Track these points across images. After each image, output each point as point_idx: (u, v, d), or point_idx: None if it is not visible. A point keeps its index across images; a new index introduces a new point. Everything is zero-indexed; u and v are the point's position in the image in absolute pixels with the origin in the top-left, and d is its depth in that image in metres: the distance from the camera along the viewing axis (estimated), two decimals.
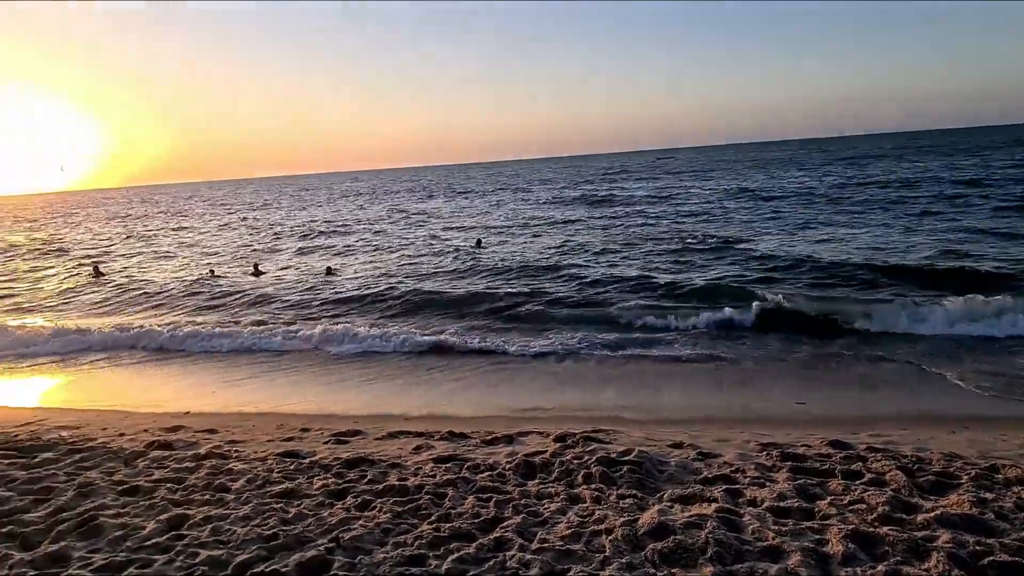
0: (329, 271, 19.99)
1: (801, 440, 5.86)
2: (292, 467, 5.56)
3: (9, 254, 32.03)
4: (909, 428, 6.37)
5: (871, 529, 3.83)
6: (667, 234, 21.79)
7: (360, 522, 4.30)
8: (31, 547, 4.23)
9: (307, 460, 5.74)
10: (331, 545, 3.98)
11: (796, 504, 4.26)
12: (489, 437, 6.25)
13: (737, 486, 4.66)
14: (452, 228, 29.37)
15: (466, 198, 52.67)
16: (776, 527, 3.93)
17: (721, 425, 6.76)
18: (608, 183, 56.84)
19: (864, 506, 4.19)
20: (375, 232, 31.16)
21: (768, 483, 4.70)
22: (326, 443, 6.40)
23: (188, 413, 7.99)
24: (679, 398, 8.02)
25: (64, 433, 6.95)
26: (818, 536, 3.81)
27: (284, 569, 3.74)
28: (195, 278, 20.02)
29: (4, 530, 4.46)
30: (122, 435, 6.86)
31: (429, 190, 70.47)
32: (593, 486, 4.76)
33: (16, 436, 6.87)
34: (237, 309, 15.18)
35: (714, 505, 4.25)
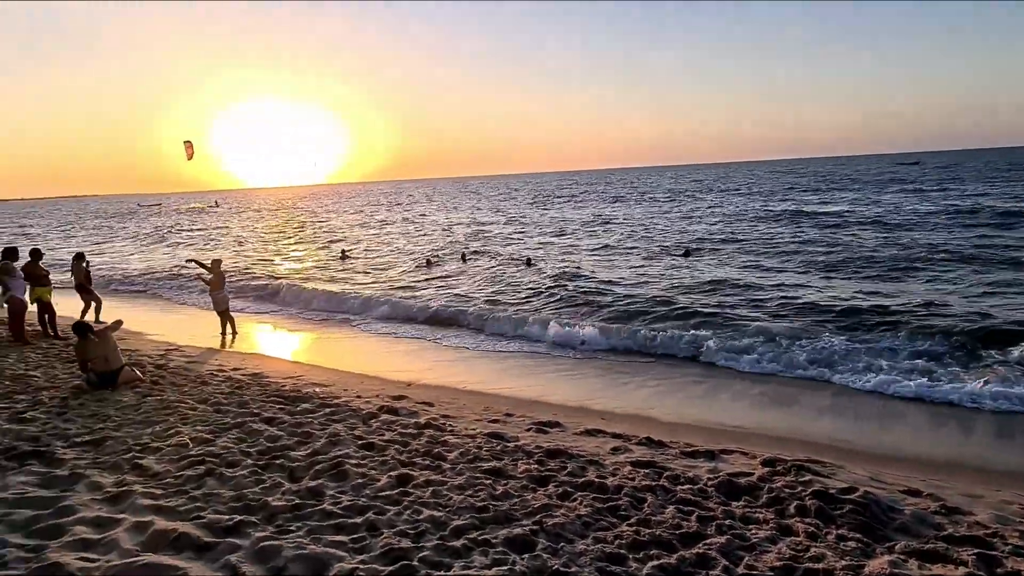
0: (529, 262, 21.14)
1: None
2: (498, 448, 5.98)
3: (276, 237, 38.92)
4: None
5: None
6: (897, 256, 18.56)
7: (561, 511, 4.49)
8: (296, 480, 5.14)
9: (511, 444, 6.12)
10: (535, 527, 4.22)
11: None
12: (689, 449, 6.08)
13: (994, 553, 3.95)
14: (661, 233, 28.70)
15: (674, 202, 51.35)
16: None
17: (970, 477, 5.76)
18: (838, 192, 51.11)
19: None
20: (580, 234, 31.87)
21: None
22: (528, 430, 6.76)
23: (410, 384, 9.00)
24: (911, 439, 6.98)
25: (317, 389, 8.28)
26: None
27: (494, 540, 4.06)
28: (416, 264, 22.63)
29: (277, 462, 5.48)
30: (359, 397, 7.96)
31: (641, 193, 69.88)
32: (807, 520, 4.40)
33: (283, 387, 8.35)
34: (444, 295, 16.60)
35: (963, 570, 3.68)
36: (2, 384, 7.93)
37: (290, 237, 37.82)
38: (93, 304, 13.41)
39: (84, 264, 13.33)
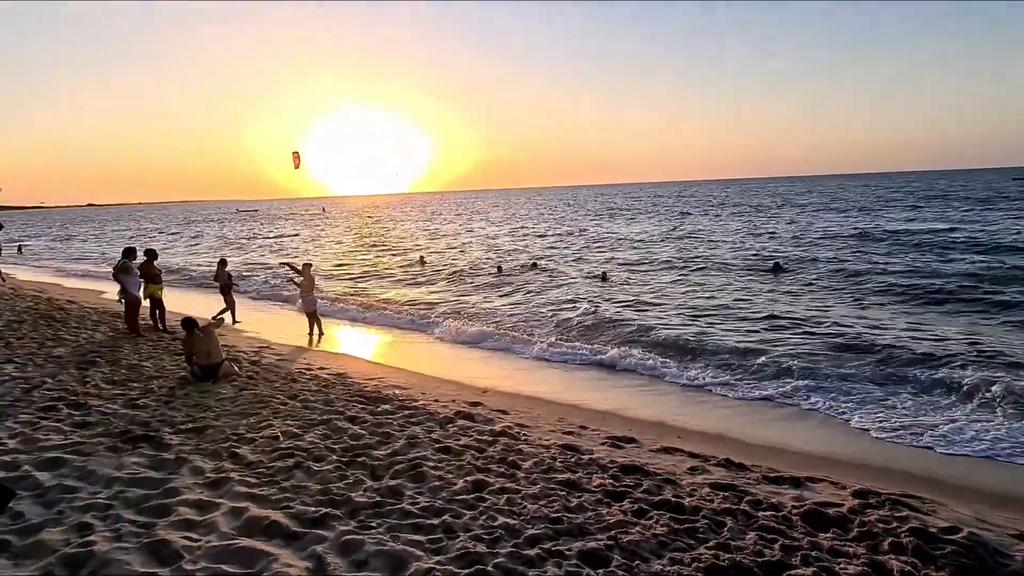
0: (604, 276, 20.95)
1: None
2: (572, 460, 5.96)
3: (361, 242, 40.63)
4: None
5: None
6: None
7: (637, 528, 4.43)
8: (377, 478, 5.34)
9: (586, 457, 6.09)
10: (610, 543, 4.18)
11: None
12: (772, 475, 5.83)
13: None
14: (746, 247, 27.67)
15: (760, 215, 49.53)
16: None
17: None
18: (942, 209, 47.54)
19: None
20: (658, 246, 31.38)
21: None
22: (602, 444, 6.71)
23: (486, 391, 9.13)
24: (1019, 481, 6.34)
25: (397, 391, 8.55)
26: None
27: (567, 552, 4.06)
28: (488, 270, 23.63)
29: (359, 460, 5.72)
30: (436, 401, 8.16)
31: (711, 206, 67.94)
32: (903, 558, 4.12)
33: (365, 387, 8.68)
34: (520, 304, 16.72)
35: None
36: (119, 372, 8.71)
37: (373, 242, 39.45)
38: (229, 306, 14.57)
39: (227, 268, 14.66)
